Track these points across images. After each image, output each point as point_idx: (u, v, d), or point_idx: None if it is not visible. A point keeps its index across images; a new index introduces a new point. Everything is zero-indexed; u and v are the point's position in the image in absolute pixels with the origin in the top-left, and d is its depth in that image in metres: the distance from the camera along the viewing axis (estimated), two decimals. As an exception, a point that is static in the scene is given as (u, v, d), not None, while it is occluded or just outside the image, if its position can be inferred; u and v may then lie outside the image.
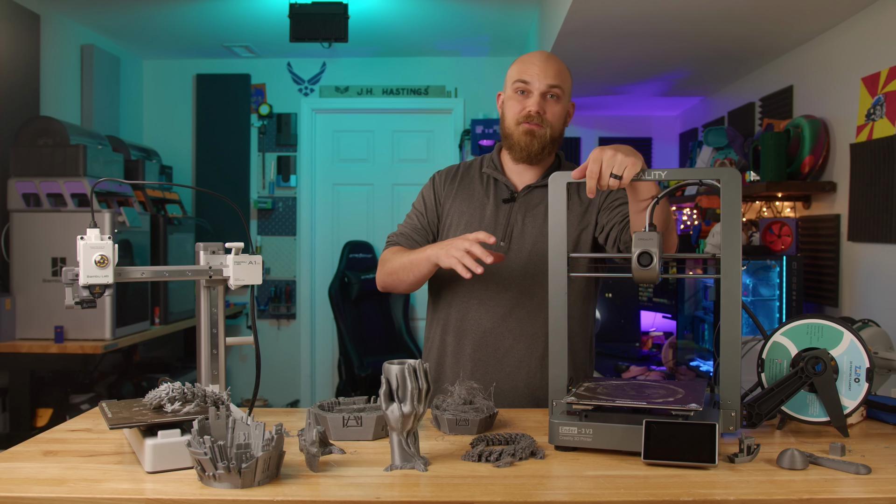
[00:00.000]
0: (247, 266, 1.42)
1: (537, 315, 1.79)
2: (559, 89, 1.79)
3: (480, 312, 1.81)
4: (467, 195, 1.88)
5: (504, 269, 1.79)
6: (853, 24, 2.77)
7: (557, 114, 1.80)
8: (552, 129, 1.80)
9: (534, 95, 1.78)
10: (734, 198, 1.35)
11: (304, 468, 1.23)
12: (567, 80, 1.83)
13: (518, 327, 1.80)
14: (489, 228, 1.81)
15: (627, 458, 1.28)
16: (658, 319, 4.05)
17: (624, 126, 5.12)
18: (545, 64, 1.79)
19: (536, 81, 1.78)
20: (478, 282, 1.79)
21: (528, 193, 1.85)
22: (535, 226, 1.81)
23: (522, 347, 1.80)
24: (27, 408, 3.41)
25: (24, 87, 3.78)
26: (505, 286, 1.80)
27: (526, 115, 1.78)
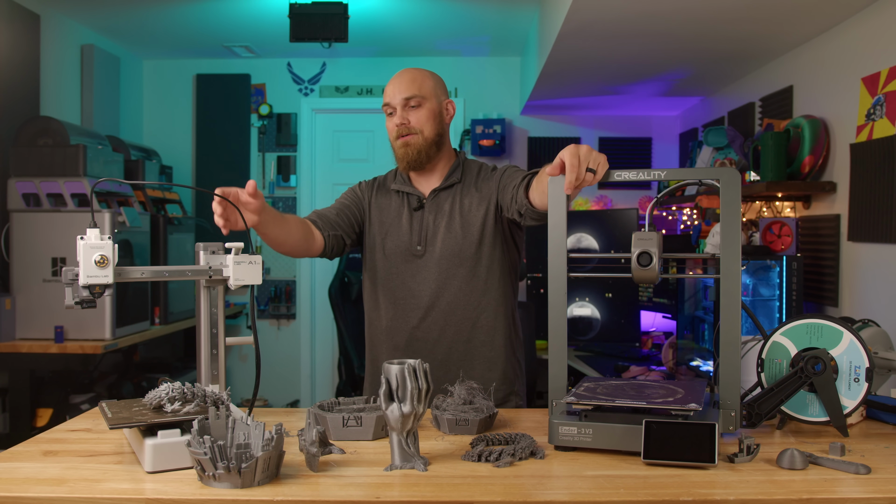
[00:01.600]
0: (247, 266, 1.42)
1: (456, 305, 1.93)
2: (416, 97, 1.93)
3: (406, 311, 1.96)
4: (386, 207, 2.03)
5: (423, 270, 1.95)
6: (853, 24, 2.77)
7: (423, 118, 1.94)
8: (423, 133, 1.94)
9: (396, 112, 1.95)
10: (734, 198, 1.35)
11: (304, 468, 1.23)
12: (426, 84, 1.95)
13: (442, 318, 1.94)
14: (406, 236, 1.97)
15: (627, 458, 1.28)
16: (658, 319, 4.05)
17: (624, 126, 5.12)
18: (398, 81, 1.96)
19: (393, 99, 1.95)
20: (401, 285, 1.96)
21: (435, 197, 1.99)
22: (443, 225, 1.96)
23: (450, 335, 1.94)
24: (27, 408, 3.41)
25: (24, 87, 3.78)
26: (425, 285, 1.95)
27: (396, 130, 1.95)
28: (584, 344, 3.93)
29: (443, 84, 2.04)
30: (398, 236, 1.98)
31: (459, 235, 1.94)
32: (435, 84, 1.99)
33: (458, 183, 1.99)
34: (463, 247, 1.93)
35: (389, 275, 1.98)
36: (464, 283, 1.93)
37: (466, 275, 1.94)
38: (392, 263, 1.98)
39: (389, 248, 1.98)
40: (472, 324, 1.95)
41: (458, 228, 1.94)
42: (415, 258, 1.96)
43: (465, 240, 1.94)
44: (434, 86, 1.98)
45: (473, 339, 1.95)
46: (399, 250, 1.97)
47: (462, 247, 1.93)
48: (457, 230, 1.94)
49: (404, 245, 1.96)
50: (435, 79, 2.00)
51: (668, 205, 4.05)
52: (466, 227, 1.94)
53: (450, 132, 2.08)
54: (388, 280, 1.98)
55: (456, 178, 1.99)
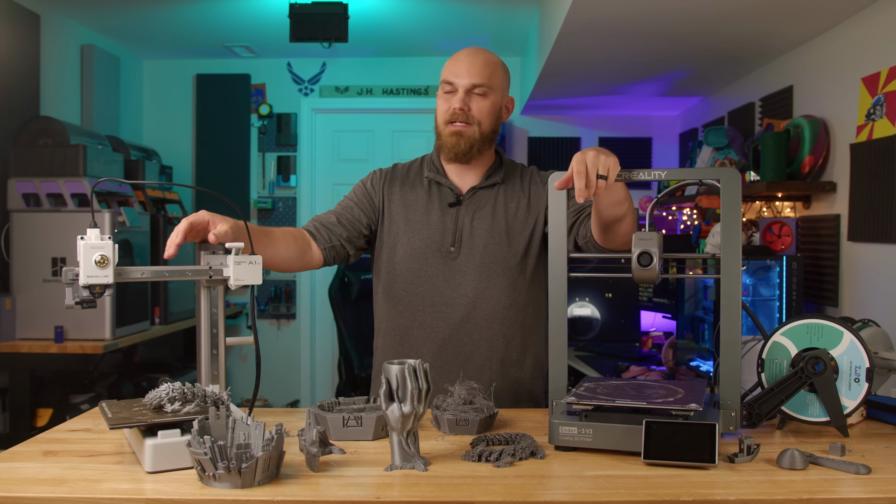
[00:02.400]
0: (247, 266, 1.42)
1: (494, 318, 1.78)
2: (485, 87, 1.77)
3: (436, 320, 1.79)
4: (411, 200, 1.85)
5: (458, 274, 1.79)
6: (853, 24, 2.77)
7: (485, 110, 1.78)
8: (481, 127, 1.78)
9: (458, 93, 1.77)
10: (734, 198, 1.35)
11: (304, 468, 1.23)
12: (497, 75, 1.80)
13: (477, 332, 1.78)
14: (436, 233, 1.80)
15: (627, 458, 1.28)
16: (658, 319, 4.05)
17: (624, 126, 5.12)
18: (470, 61, 1.77)
19: (460, 80, 1.77)
20: (431, 289, 1.79)
21: (473, 196, 1.84)
22: (484, 227, 1.80)
23: (483, 352, 1.79)
24: (27, 408, 3.41)
25: (24, 87, 3.78)
26: (460, 291, 1.78)
27: (451, 114, 1.77)
28: (584, 344, 3.93)
29: (509, 78, 1.88)
30: (427, 233, 1.80)
31: (504, 242, 1.79)
32: (504, 76, 1.83)
33: (500, 184, 1.84)
34: (507, 255, 1.79)
35: (416, 276, 1.80)
36: (504, 294, 1.78)
37: (508, 286, 1.78)
38: (419, 263, 1.80)
39: (416, 245, 1.80)
40: (508, 341, 1.80)
41: (503, 234, 1.79)
42: (447, 260, 1.79)
43: (510, 248, 1.79)
44: (503, 78, 1.83)
45: (507, 358, 1.80)
46: (428, 249, 1.80)
47: (507, 255, 1.79)
48: (501, 235, 1.79)
49: (435, 244, 1.80)
50: (505, 71, 1.84)
51: (668, 205, 4.04)
52: (512, 235, 1.80)
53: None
54: (415, 281, 1.80)
55: (498, 179, 1.84)
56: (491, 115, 1.79)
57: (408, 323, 1.81)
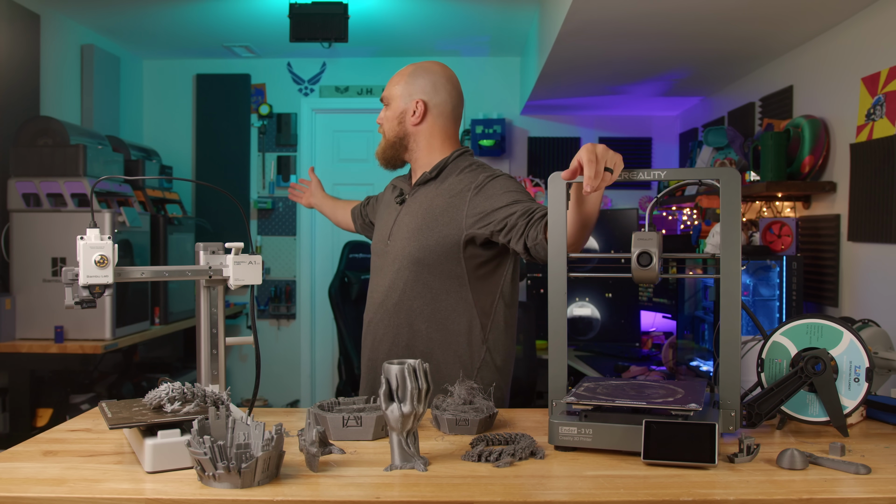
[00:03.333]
0: (247, 266, 1.42)
1: (399, 307, 1.89)
2: (385, 99, 1.99)
3: (369, 303, 2.00)
4: (384, 200, 2.11)
5: (384, 264, 1.96)
6: (853, 24, 2.77)
7: (388, 118, 1.99)
8: (386, 135, 1.99)
9: None
10: (734, 198, 1.35)
11: (304, 468, 1.23)
12: (398, 85, 1.96)
13: (387, 317, 1.92)
14: (382, 228, 2.01)
15: (627, 458, 1.28)
16: (658, 319, 4.05)
17: (624, 126, 5.13)
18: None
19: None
20: (372, 275, 2.01)
21: (415, 194, 1.97)
22: (407, 222, 1.92)
23: (390, 338, 1.91)
24: (27, 408, 3.41)
25: (24, 87, 3.78)
26: (382, 279, 1.95)
27: None
28: (584, 344, 3.93)
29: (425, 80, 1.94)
30: (379, 229, 2.03)
31: (414, 237, 1.87)
32: (407, 82, 1.94)
33: (432, 180, 1.93)
34: (414, 249, 1.86)
35: (371, 265, 2.03)
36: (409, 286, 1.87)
37: (412, 278, 1.86)
38: (373, 254, 2.03)
39: (374, 238, 2.05)
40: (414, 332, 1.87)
41: (417, 229, 1.88)
42: (383, 251, 1.96)
43: (419, 243, 1.86)
44: (407, 83, 1.94)
45: (413, 347, 1.87)
46: (377, 243, 2.01)
47: (413, 249, 1.86)
48: (414, 230, 1.88)
49: (381, 238, 1.99)
50: (411, 76, 1.94)
51: (668, 205, 4.05)
52: (424, 231, 1.86)
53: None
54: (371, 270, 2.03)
55: (431, 175, 1.93)
56: (390, 122, 1.98)
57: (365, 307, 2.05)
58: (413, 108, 1.95)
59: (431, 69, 1.96)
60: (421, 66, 1.97)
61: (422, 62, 1.99)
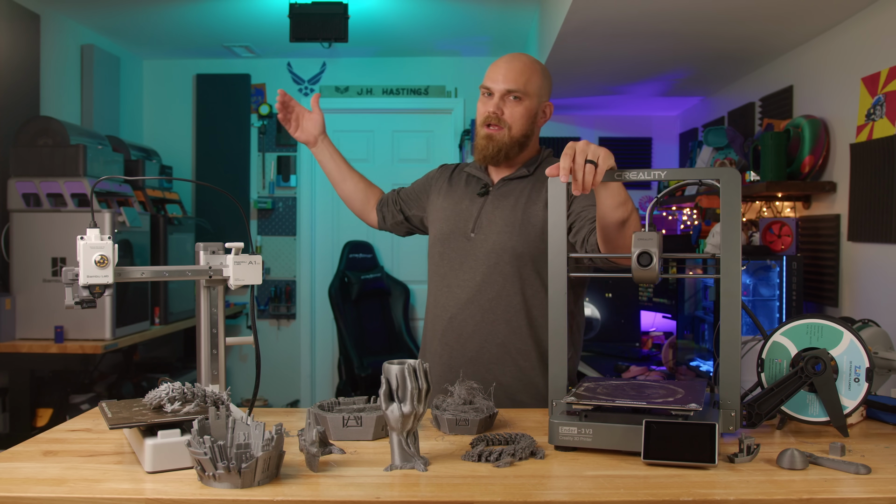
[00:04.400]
0: (247, 266, 1.42)
1: (497, 303, 1.85)
2: (519, 93, 1.85)
3: (448, 298, 1.90)
4: (451, 191, 2.00)
5: (470, 257, 1.88)
6: (853, 24, 2.77)
7: (518, 115, 1.86)
8: (511, 130, 1.86)
9: (494, 98, 1.86)
10: (734, 198, 1.35)
11: (304, 468, 1.23)
12: (533, 80, 1.86)
13: (479, 314, 1.86)
14: (461, 220, 1.91)
15: (627, 458, 1.28)
16: (658, 319, 4.05)
17: (624, 126, 5.13)
18: (507, 68, 1.86)
19: (496, 85, 1.86)
20: (449, 269, 1.91)
21: (503, 187, 1.92)
22: (503, 217, 1.87)
23: (483, 334, 1.85)
24: (27, 408, 3.41)
25: (24, 87, 3.78)
26: (470, 274, 1.87)
27: (486, 117, 1.87)
28: (585, 344, 3.93)
29: (549, 83, 1.94)
30: (455, 220, 1.92)
31: (516, 231, 1.84)
32: (542, 82, 1.89)
33: (528, 176, 1.90)
34: (517, 244, 1.83)
35: (441, 258, 1.92)
36: (508, 281, 1.83)
37: (513, 274, 1.83)
38: (443, 246, 1.92)
39: (444, 230, 1.93)
40: (512, 328, 1.84)
41: (517, 224, 1.84)
42: (465, 244, 1.88)
43: (521, 238, 1.84)
44: (541, 84, 1.89)
45: (509, 344, 1.84)
46: (452, 234, 1.91)
47: (516, 244, 1.83)
48: (514, 225, 1.84)
49: (459, 230, 1.90)
50: (543, 77, 1.90)
51: (668, 205, 4.04)
52: (525, 226, 1.84)
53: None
54: (440, 263, 1.92)
55: (524, 172, 1.90)
56: (523, 119, 1.86)
57: (430, 299, 1.98)
58: (544, 110, 1.92)
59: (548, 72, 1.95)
60: (541, 64, 1.92)
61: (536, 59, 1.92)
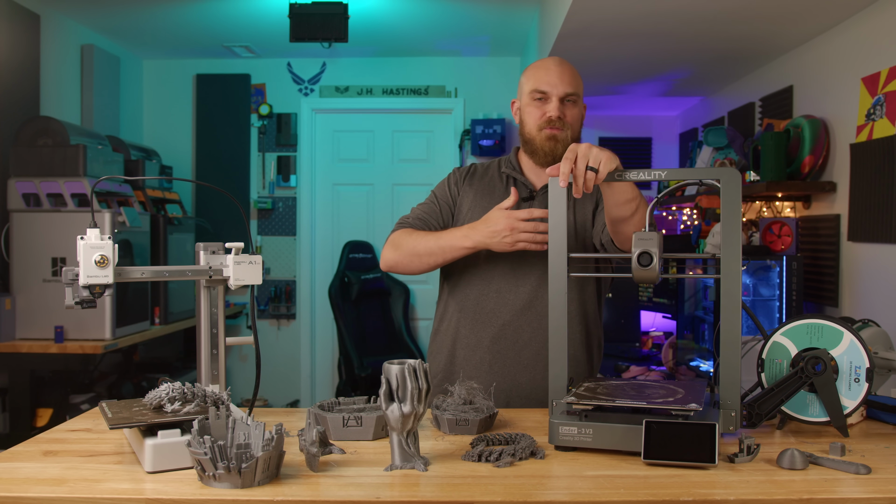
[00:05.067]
0: (247, 266, 1.42)
1: None
2: (575, 95, 1.86)
3: (499, 304, 1.85)
4: (488, 193, 1.92)
5: (524, 264, 1.84)
6: (853, 24, 2.77)
7: (576, 117, 1.87)
8: (573, 132, 1.86)
9: (553, 101, 1.84)
10: (734, 198, 1.35)
11: (304, 468, 1.23)
12: (580, 84, 1.89)
13: (536, 321, 1.83)
14: None
15: (627, 458, 1.28)
16: (658, 319, 4.05)
17: (624, 126, 5.12)
18: (560, 71, 1.86)
19: (554, 89, 1.84)
20: (497, 273, 1.85)
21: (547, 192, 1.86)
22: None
23: (540, 341, 1.83)
24: (27, 408, 3.41)
25: (24, 87, 3.78)
26: (524, 280, 1.84)
27: (547, 120, 1.83)
28: (584, 344, 3.92)
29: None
30: None
31: (572, 237, 1.82)
32: (582, 86, 1.93)
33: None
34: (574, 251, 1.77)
35: (489, 261, 1.85)
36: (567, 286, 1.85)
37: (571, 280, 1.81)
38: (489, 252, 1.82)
39: None
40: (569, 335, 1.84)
41: (572, 230, 1.83)
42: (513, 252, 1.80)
43: (577, 244, 1.84)
44: (582, 87, 1.92)
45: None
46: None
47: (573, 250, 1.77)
48: (570, 231, 1.80)
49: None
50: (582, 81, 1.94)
51: (668, 205, 4.05)
52: (580, 232, 1.84)
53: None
54: (487, 267, 1.85)
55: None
56: (579, 121, 1.89)
57: (470, 303, 1.88)
58: (583, 111, 1.93)
59: None
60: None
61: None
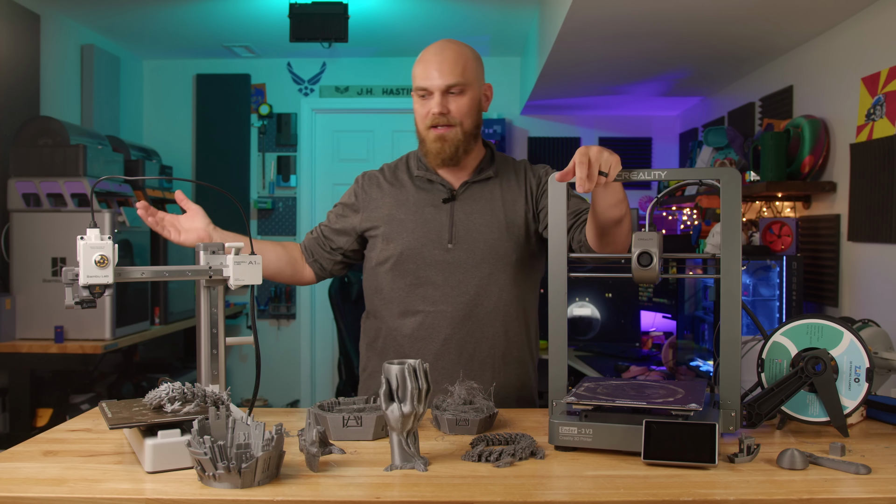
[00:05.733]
0: (247, 266, 1.42)
1: (496, 314, 1.75)
2: (460, 85, 1.70)
3: (437, 318, 1.75)
4: (402, 199, 1.81)
5: (455, 270, 1.74)
6: (853, 24, 2.77)
7: (465, 108, 1.72)
8: (463, 126, 1.73)
9: (434, 97, 1.71)
10: (734, 198, 1.35)
11: (304, 468, 1.23)
12: (470, 67, 1.73)
13: (479, 329, 1.75)
14: (431, 231, 1.76)
15: (627, 458, 1.28)
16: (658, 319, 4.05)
17: (624, 126, 5.12)
18: (439, 61, 1.71)
19: (433, 82, 1.71)
20: (431, 286, 1.74)
21: (467, 190, 1.80)
22: (484, 222, 1.76)
23: (486, 349, 1.76)
24: (27, 408, 3.41)
25: (24, 87, 3.78)
26: (461, 288, 1.74)
27: (431, 118, 1.72)
28: (584, 344, 3.93)
29: (482, 63, 1.79)
30: (423, 231, 1.76)
31: (505, 236, 1.75)
32: (478, 65, 1.75)
33: (494, 178, 1.80)
34: (509, 249, 1.75)
35: (417, 276, 1.75)
36: (505, 289, 1.75)
37: (509, 281, 1.75)
38: (419, 262, 1.75)
39: (412, 244, 1.75)
40: (510, 338, 1.78)
41: (503, 228, 1.75)
42: (445, 256, 1.74)
43: (511, 241, 1.75)
44: (477, 68, 1.74)
45: (508, 355, 1.78)
46: (424, 247, 1.75)
47: (508, 249, 1.75)
48: (501, 229, 1.75)
49: (431, 241, 1.75)
50: (477, 59, 1.76)
51: (668, 205, 4.04)
52: (512, 228, 1.76)
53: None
54: (416, 283, 1.75)
55: (491, 173, 1.80)
56: (471, 111, 1.74)
57: (406, 324, 1.77)
58: (486, 93, 1.79)
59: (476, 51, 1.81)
60: (469, 46, 1.78)
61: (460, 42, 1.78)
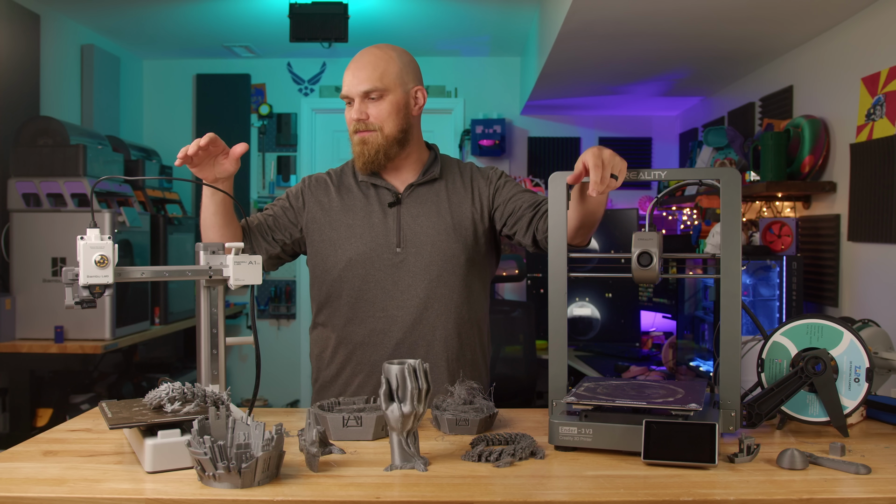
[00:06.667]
0: (247, 266, 1.42)
1: (448, 317, 1.75)
2: (377, 90, 1.71)
3: (387, 324, 1.74)
4: (349, 204, 1.80)
5: (405, 274, 1.74)
6: (853, 24, 2.77)
7: (384, 113, 1.72)
8: (383, 131, 1.73)
9: (354, 103, 1.74)
10: (734, 198, 1.35)
11: (304, 468, 1.23)
12: (389, 71, 1.72)
13: (430, 333, 1.74)
14: (379, 235, 1.75)
15: (627, 458, 1.28)
16: (658, 319, 4.05)
17: (624, 126, 5.12)
18: (356, 67, 1.73)
19: (351, 89, 1.73)
20: (380, 291, 1.74)
21: (412, 193, 1.79)
22: (429, 225, 1.76)
23: (438, 352, 1.75)
24: (27, 408, 3.41)
25: (24, 87, 3.78)
26: (411, 293, 1.73)
27: (353, 124, 1.75)
28: (584, 344, 3.93)
29: (413, 66, 1.79)
30: (370, 236, 1.75)
31: (452, 238, 1.75)
32: (401, 70, 1.74)
33: (439, 179, 1.81)
34: (457, 251, 1.74)
35: (365, 281, 1.74)
36: (455, 291, 1.74)
37: (459, 283, 1.75)
38: (365, 268, 1.74)
39: (360, 249, 1.74)
40: (463, 340, 1.77)
41: (451, 230, 1.75)
42: (394, 261, 1.73)
43: (459, 243, 1.75)
44: (399, 72, 1.74)
45: (462, 358, 1.77)
46: (373, 252, 1.74)
47: (456, 251, 1.74)
48: (448, 231, 1.75)
49: (379, 246, 1.74)
50: (402, 62, 1.75)
51: (668, 205, 4.05)
52: (459, 230, 1.76)
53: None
54: (364, 288, 1.74)
55: (435, 174, 1.80)
56: (392, 115, 1.73)
57: (356, 331, 1.76)
58: (414, 96, 1.78)
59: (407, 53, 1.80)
60: (399, 49, 1.78)
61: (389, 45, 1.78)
